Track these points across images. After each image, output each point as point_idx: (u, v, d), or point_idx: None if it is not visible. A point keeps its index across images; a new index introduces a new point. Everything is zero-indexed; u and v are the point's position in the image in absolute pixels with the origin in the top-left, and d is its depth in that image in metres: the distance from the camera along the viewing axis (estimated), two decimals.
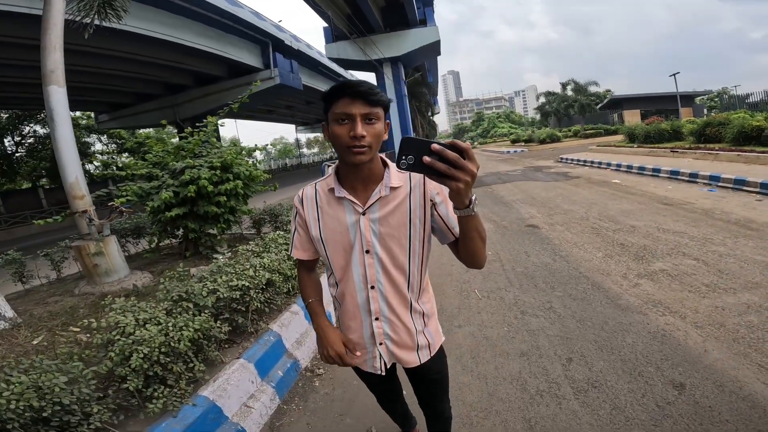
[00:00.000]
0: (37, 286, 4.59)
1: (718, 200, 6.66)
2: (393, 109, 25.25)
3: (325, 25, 24.49)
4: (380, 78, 25.17)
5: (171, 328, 2.10)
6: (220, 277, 2.75)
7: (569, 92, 36.76)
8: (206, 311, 2.42)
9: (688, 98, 32.35)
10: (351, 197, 1.11)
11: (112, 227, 5.17)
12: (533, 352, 2.60)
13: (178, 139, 5.40)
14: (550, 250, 4.81)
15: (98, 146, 32.28)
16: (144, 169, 4.81)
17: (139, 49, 15.91)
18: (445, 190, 1.11)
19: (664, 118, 20.08)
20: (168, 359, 2.01)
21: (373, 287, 1.16)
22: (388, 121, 1.10)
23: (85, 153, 25.68)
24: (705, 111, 29.57)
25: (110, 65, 17.15)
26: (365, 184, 1.12)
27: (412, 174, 1.14)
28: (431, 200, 1.12)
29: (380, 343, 1.22)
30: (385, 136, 1.08)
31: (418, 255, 1.16)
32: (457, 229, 1.08)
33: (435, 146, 0.75)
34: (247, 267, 2.97)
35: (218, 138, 5.50)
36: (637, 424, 1.91)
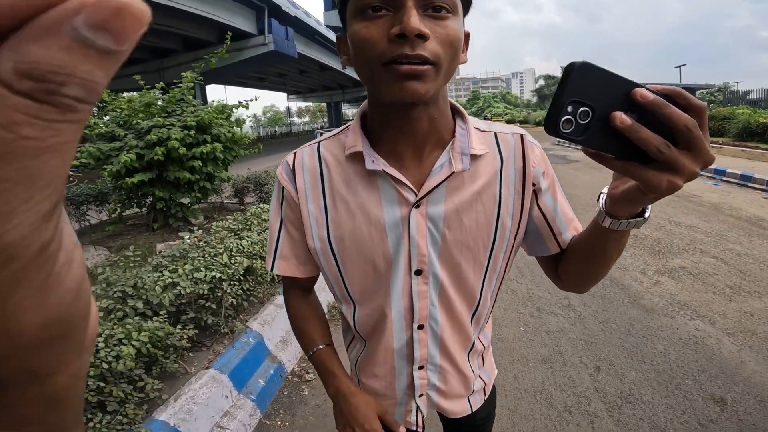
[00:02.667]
0: None
1: (725, 195, 6.51)
2: None
3: None
4: None
5: (102, 343, 1.57)
6: (183, 265, 2.17)
7: None
8: (162, 311, 1.91)
9: (689, 91, 31.65)
10: (394, 171, 0.62)
11: (67, 194, 4.69)
12: (556, 359, 2.37)
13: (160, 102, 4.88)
14: None
15: None
16: (104, 128, 4.23)
17: None
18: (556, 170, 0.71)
19: None
20: (101, 383, 1.53)
21: (422, 326, 0.71)
22: (468, 30, 0.60)
23: None
24: (706, 105, 29.52)
25: None
26: (419, 146, 0.63)
27: (499, 131, 0.67)
28: (533, 183, 0.66)
29: (420, 395, 0.79)
30: (464, 58, 0.59)
31: (497, 274, 0.71)
32: (566, 236, 0.67)
33: (643, 93, 0.35)
34: (221, 251, 2.43)
35: (195, 96, 5.00)
36: None
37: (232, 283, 2.35)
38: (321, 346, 0.79)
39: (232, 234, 2.89)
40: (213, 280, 2.19)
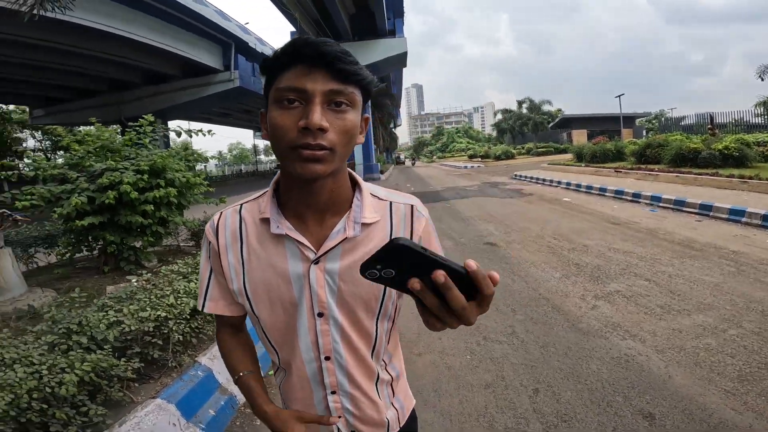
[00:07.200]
0: None
1: (661, 220, 7.03)
2: None
3: (293, 29, 24.02)
4: None
5: (46, 371, 1.72)
6: (128, 306, 2.31)
7: (524, 110, 38.63)
8: (107, 346, 2.03)
9: (629, 119, 35.10)
10: (296, 235, 0.75)
11: (11, 236, 4.61)
12: (498, 383, 2.46)
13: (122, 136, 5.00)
14: (509, 270, 4.78)
15: (31, 143, 29.68)
16: (56, 169, 4.27)
17: (82, 42, 14.71)
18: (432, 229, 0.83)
19: (608, 139, 21.40)
20: (45, 405, 1.65)
21: (328, 358, 0.83)
22: (366, 115, 0.74)
23: (15, 150, 23.38)
24: (644, 132, 32.01)
25: (49, 58, 15.76)
26: (321, 213, 0.76)
27: (394, 200, 0.82)
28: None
29: (339, 417, 0.89)
30: (361, 139, 0.73)
31: (389, 317, 0.85)
32: None
33: (440, 276, 0.43)
34: (167, 293, 2.55)
35: (165, 140, 5.09)
36: None
37: (178, 321, 2.40)
38: (243, 373, 0.89)
39: (181, 277, 2.93)
40: (159, 318, 2.26)
